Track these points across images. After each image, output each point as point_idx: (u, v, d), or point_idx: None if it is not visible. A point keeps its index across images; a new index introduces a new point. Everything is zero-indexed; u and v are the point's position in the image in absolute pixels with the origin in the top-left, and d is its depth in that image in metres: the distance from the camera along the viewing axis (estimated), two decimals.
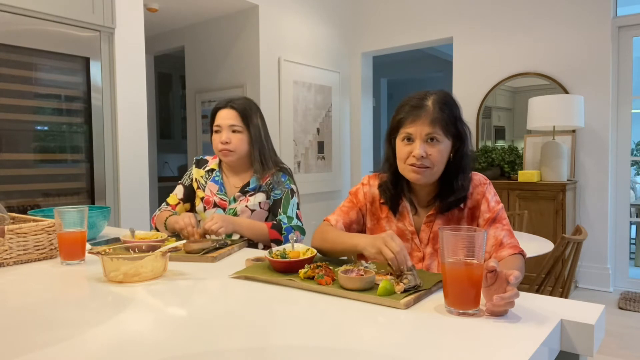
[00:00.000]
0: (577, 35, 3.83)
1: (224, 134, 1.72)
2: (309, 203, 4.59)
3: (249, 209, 1.74)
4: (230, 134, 1.72)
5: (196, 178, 1.86)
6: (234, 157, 1.74)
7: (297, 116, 4.43)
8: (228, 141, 1.71)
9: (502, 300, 0.83)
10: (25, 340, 0.76)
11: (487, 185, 1.31)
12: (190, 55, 4.76)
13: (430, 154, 1.21)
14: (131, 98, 3.01)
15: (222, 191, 1.79)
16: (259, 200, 1.75)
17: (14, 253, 1.30)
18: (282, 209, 1.73)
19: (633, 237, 4.58)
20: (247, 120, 1.73)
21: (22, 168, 2.59)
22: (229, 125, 1.72)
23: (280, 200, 1.74)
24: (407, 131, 1.22)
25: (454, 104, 1.25)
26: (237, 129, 1.72)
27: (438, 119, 1.20)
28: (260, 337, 0.76)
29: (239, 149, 1.73)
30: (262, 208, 1.76)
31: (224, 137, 1.71)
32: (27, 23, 2.56)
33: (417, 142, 1.21)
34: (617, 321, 3.11)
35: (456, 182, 1.26)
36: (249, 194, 1.75)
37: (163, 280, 1.12)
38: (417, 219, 1.32)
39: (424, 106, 1.22)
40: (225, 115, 1.73)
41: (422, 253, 1.31)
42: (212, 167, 1.85)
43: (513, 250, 1.22)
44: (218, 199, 1.78)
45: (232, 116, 1.73)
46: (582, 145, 3.86)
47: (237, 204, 1.75)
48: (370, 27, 4.98)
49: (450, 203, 1.27)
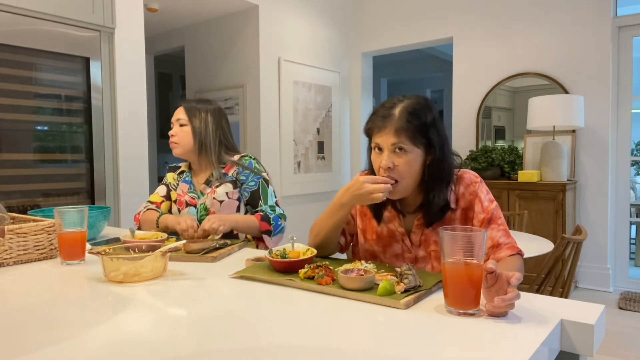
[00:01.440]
0: (577, 35, 3.83)
1: (173, 129, 1.83)
2: (309, 203, 4.59)
3: (217, 200, 1.77)
4: (177, 128, 1.82)
5: (169, 182, 1.92)
6: (179, 149, 1.82)
7: (297, 116, 4.43)
8: (174, 134, 1.81)
9: (504, 302, 0.82)
10: (25, 340, 0.76)
11: (479, 184, 1.26)
12: (190, 55, 4.76)
13: (397, 164, 1.17)
14: (131, 98, 3.01)
15: (192, 189, 1.85)
16: (225, 191, 1.77)
17: (14, 253, 1.30)
18: (262, 200, 1.79)
19: (633, 237, 4.58)
20: (191, 114, 1.81)
21: (22, 168, 2.59)
22: (176, 120, 1.83)
23: (257, 192, 1.79)
24: (376, 141, 1.20)
25: (425, 111, 1.19)
26: (182, 122, 1.81)
27: (403, 129, 1.15)
28: (260, 337, 0.76)
29: (183, 141, 1.80)
30: (231, 198, 1.78)
31: (173, 130, 1.83)
32: (27, 23, 2.56)
33: (385, 153, 1.18)
34: (617, 321, 3.11)
35: (432, 194, 1.21)
36: (215, 185, 1.79)
37: (163, 280, 1.12)
38: (408, 220, 1.30)
39: (390, 115, 1.17)
40: (176, 112, 1.85)
41: (413, 255, 1.28)
42: (183, 169, 1.93)
43: (511, 251, 1.20)
44: (189, 197, 1.84)
45: (180, 111, 1.83)
46: (582, 145, 3.86)
47: (205, 197, 1.79)
48: (370, 27, 4.98)
49: (433, 216, 1.24)
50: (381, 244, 1.33)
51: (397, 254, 1.30)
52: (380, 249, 1.33)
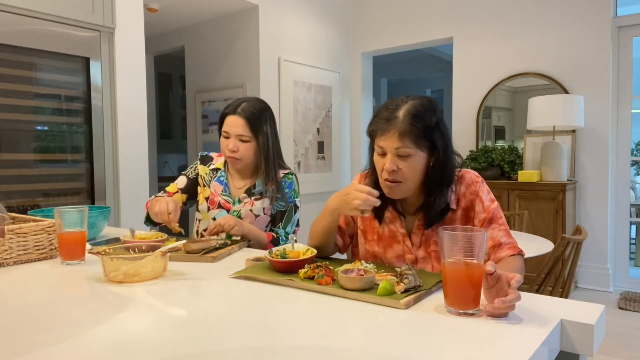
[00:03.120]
0: (577, 35, 3.83)
1: (231, 141, 1.68)
2: (309, 203, 4.59)
3: (253, 213, 1.72)
4: (237, 142, 1.68)
5: (201, 175, 1.82)
6: (241, 165, 1.72)
7: (297, 116, 4.43)
8: (235, 150, 1.68)
9: (504, 303, 0.82)
10: (25, 340, 0.76)
11: (480, 184, 1.26)
12: (190, 55, 4.76)
13: (401, 168, 1.16)
14: (131, 98, 3.01)
15: (226, 192, 1.76)
16: (263, 206, 1.73)
17: (14, 253, 1.30)
18: (282, 224, 1.74)
19: (633, 237, 4.57)
20: (255, 130, 1.68)
21: (22, 168, 2.59)
22: (237, 135, 1.68)
23: (283, 213, 1.74)
24: (379, 144, 1.19)
25: (429, 113, 1.17)
26: (245, 138, 1.68)
27: (407, 132, 1.14)
28: (260, 337, 0.76)
29: (246, 158, 1.70)
30: (266, 214, 1.74)
31: (231, 145, 1.68)
32: (27, 23, 2.56)
33: (389, 156, 1.17)
34: (617, 321, 3.11)
35: (433, 197, 1.22)
36: (255, 197, 1.73)
37: (163, 280, 1.12)
38: (409, 220, 1.30)
39: (393, 119, 1.16)
40: (234, 123, 1.68)
41: (414, 256, 1.29)
42: (218, 167, 1.82)
43: (512, 251, 1.20)
44: (222, 199, 1.75)
45: (240, 125, 1.67)
46: (582, 145, 3.86)
47: (241, 205, 1.73)
48: (370, 27, 4.98)
49: (433, 218, 1.24)
50: (382, 245, 1.33)
51: (398, 254, 1.30)
52: (381, 250, 1.33)
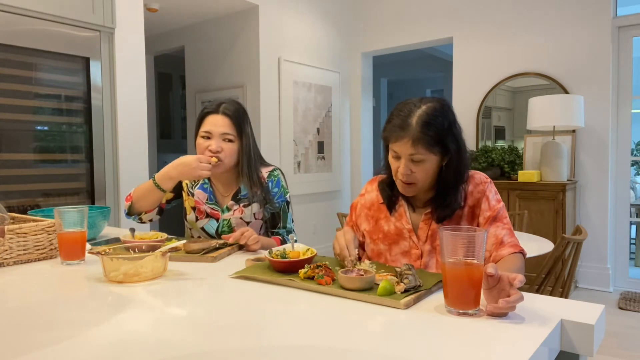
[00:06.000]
0: (577, 35, 3.83)
1: (214, 142, 1.56)
2: (309, 203, 4.59)
3: (243, 221, 1.66)
4: (221, 142, 1.56)
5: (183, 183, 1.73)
6: (222, 168, 1.59)
7: (297, 116, 4.43)
8: (219, 150, 1.56)
9: (507, 304, 0.82)
10: (25, 340, 0.76)
11: (488, 184, 1.30)
12: (190, 55, 4.76)
13: (414, 171, 1.21)
14: (131, 98, 3.01)
15: (212, 200, 1.68)
16: (253, 212, 1.67)
17: (14, 253, 1.30)
18: (281, 223, 1.72)
19: (633, 237, 4.57)
20: (239, 129, 1.59)
21: (22, 168, 2.59)
22: (221, 134, 1.56)
23: (279, 214, 1.71)
24: (393, 149, 1.22)
25: (441, 118, 1.19)
26: (230, 137, 1.57)
27: (420, 140, 1.16)
28: (260, 337, 0.76)
29: (228, 160, 1.58)
30: (257, 218, 1.69)
31: (214, 145, 1.55)
32: (27, 23, 2.56)
33: (403, 161, 1.21)
34: (617, 321, 3.11)
35: (448, 196, 1.25)
36: (243, 203, 1.66)
37: (163, 280, 1.12)
38: (415, 216, 1.33)
39: (407, 126, 1.17)
40: (218, 122, 1.57)
41: (420, 250, 1.31)
42: None
43: (513, 249, 1.22)
44: (209, 208, 1.67)
45: (226, 124, 1.57)
46: (582, 145, 3.86)
47: (230, 214, 1.66)
48: (370, 27, 4.98)
49: (444, 214, 1.27)
50: (387, 242, 1.35)
51: (404, 250, 1.33)
52: (386, 247, 1.35)
